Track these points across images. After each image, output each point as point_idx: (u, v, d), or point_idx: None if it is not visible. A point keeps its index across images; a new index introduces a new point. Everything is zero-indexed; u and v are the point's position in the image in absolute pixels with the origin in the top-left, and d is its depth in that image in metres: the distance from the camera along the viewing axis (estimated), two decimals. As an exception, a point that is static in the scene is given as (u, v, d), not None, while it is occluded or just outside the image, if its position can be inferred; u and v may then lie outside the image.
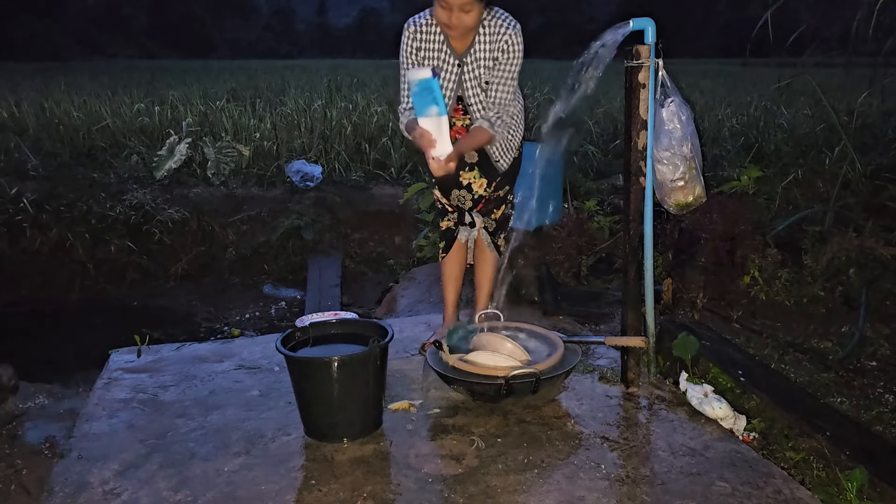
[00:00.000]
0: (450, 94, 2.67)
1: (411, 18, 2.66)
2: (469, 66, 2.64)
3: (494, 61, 2.61)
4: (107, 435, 2.41)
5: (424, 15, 2.64)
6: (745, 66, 15.14)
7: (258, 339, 3.38)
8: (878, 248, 3.63)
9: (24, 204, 5.62)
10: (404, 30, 2.66)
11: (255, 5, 48.31)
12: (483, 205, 2.87)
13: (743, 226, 3.77)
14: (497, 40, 2.58)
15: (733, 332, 3.39)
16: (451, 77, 2.66)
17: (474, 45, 2.61)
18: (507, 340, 2.71)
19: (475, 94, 2.67)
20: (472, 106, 2.70)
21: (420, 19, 2.64)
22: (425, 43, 2.63)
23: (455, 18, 2.45)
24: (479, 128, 2.64)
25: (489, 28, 2.58)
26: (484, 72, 2.64)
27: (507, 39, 2.57)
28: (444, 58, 2.64)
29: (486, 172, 2.81)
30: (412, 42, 2.63)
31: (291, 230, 5.96)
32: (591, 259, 4.33)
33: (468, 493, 2.04)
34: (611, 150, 7.53)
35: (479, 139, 2.65)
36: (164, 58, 28.01)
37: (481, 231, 2.93)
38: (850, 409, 2.69)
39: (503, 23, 2.58)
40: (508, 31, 2.57)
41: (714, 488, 2.07)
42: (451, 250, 2.97)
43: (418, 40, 2.63)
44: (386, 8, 53.32)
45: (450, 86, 2.67)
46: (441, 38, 2.62)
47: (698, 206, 2.68)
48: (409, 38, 2.64)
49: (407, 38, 2.64)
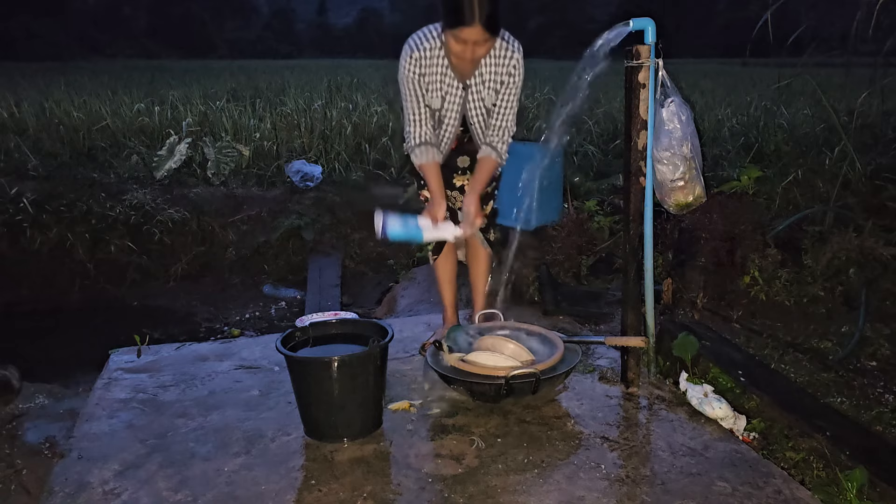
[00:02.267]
0: (454, 116, 2.69)
1: (413, 42, 2.58)
2: (473, 90, 2.65)
3: (501, 84, 2.62)
4: (107, 435, 2.41)
5: (426, 38, 2.57)
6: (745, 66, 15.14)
7: (258, 339, 3.38)
8: (878, 248, 3.63)
9: (24, 204, 5.62)
10: (406, 54, 2.58)
11: (255, 5, 48.29)
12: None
13: (743, 226, 3.76)
14: (506, 64, 2.59)
15: (733, 332, 3.39)
16: (455, 100, 2.66)
17: (479, 69, 2.61)
18: (509, 341, 2.71)
19: (478, 116, 2.70)
20: (473, 125, 2.73)
21: (423, 43, 2.56)
22: (429, 69, 2.59)
23: (470, 52, 2.44)
24: (487, 158, 2.68)
25: (496, 51, 2.58)
26: (488, 94, 2.65)
27: (514, 63, 2.59)
28: (449, 81, 2.63)
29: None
30: (416, 69, 2.58)
31: (291, 230, 5.96)
32: (591, 259, 4.33)
33: (468, 493, 2.04)
34: (611, 150, 7.52)
35: (490, 170, 2.69)
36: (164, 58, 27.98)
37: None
38: (850, 409, 2.69)
39: (510, 46, 2.59)
40: (515, 56, 2.59)
41: (714, 488, 2.07)
42: (443, 251, 2.97)
43: (422, 66, 2.58)
44: (386, 8, 53.37)
45: (454, 108, 2.67)
46: (444, 62, 2.59)
47: (698, 206, 2.67)
48: (412, 65, 2.57)
49: (410, 65, 2.57)
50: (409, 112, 2.66)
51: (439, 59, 2.58)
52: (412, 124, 2.66)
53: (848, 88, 6.41)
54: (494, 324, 2.89)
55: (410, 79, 2.59)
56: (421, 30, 2.61)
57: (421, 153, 2.67)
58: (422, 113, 2.64)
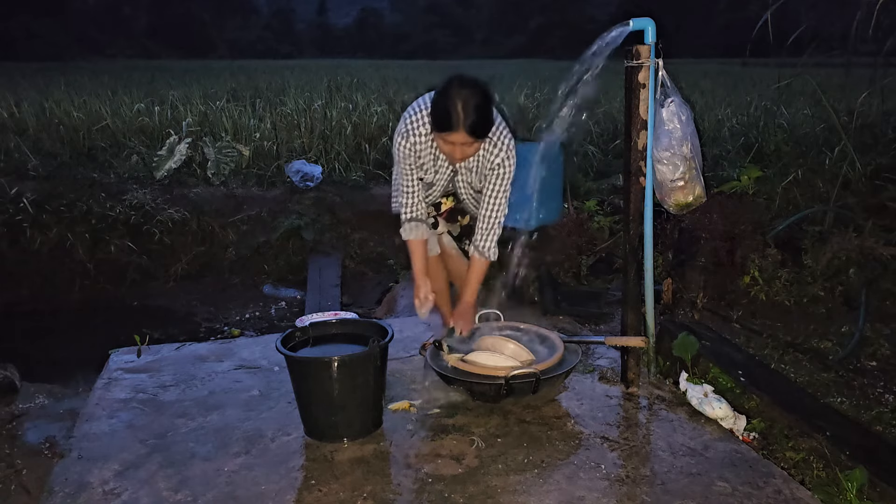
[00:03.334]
0: (443, 186, 2.78)
1: (408, 124, 2.60)
2: (462, 173, 2.72)
3: (486, 178, 2.65)
4: (107, 435, 2.41)
5: (420, 123, 2.58)
6: (745, 66, 15.13)
7: (258, 339, 3.39)
8: (878, 247, 3.63)
9: (24, 204, 5.61)
10: (402, 136, 2.60)
11: (255, 5, 48.28)
12: (448, 213, 2.89)
13: (743, 226, 3.77)
14: (491, 160, 2.60)
15: (733, 331, 3.39)
16: (445, 176, 2.73)
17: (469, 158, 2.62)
18: (508, 341, 2.71)
19: (467, 192, 2.79)
20: (464, 200, 2.82)
21: (418, 128, 2.58)
22: (422, 152, 2.64)
23: (459, 152, 2.47)
24: (479, 261, 2.71)
25: (485, 145, 2.59)
26: (475, 178, 2.72)
27: (499, 162, 2.59)
28: (440, 163, 2.69)
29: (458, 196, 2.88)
30: (410, 151, 2.62)
31: (291, 230, 5.96)
32: (591, 259, 4.33)
33: (468, 493, 2.04)
34: (611, 150, 7.52)
35: (482, 272, 2.74)
36: (164, 58, 27.98)
37: (444, 236, 2.92)
38: (850, 409, 2.69)
39: (498, 143, 2.57)
40: (501, 155, 2.59)
41: (714, 488, 2.07)
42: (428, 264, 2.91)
43: (416, 152, 2.63)
44: (386, 8, 53.34)
45: (443, 182, 2.76)
46: (435, 146, 2.61)
47: (698, 206, 2.67)
48: (409, 147, 2.61)
49: (407, 147, 2.61)
50: (403, 183, 2.70)
51: (431, 144, 2.62)
52: (405, 196, 2.71)
53: (848, 88, 6.41)
54: (494, 324, 2.89)
55: (405, 156, 2.64)
56: (415, 108, 2.61)
57: (411, 229, 2.71)
58: (415, 187, 2.69)
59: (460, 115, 2.34)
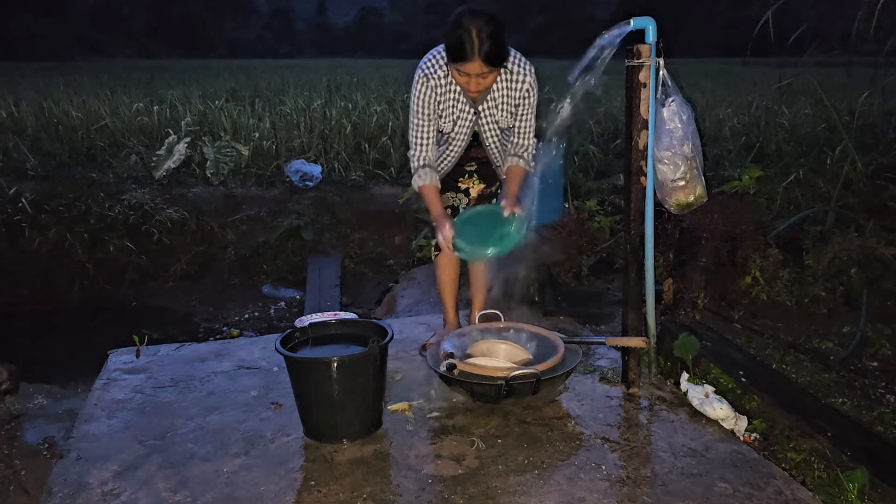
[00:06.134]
0: (463, 138, 2.74)
1: (426, 69, 2.60)
2: (485, 113, 2.69)
3: (517, 108, 2.66)
4: (106, 435, 2.41)
5: (438, 65, 2.59)
6: (745, 65, 15.10)
7: (257, 340, 3.38)
8: (880, 248, 3.63)
9: (22, 204, 5.61)
10: (421, 80, 2.59)
11: (255, 5, 48.25)
12: (476, 200, 2.90)
13: (744, 226, 3.76)
14: (519, 88, 2.62)
15: (734, 332, 3.38)
16: (466, 124, 2.70)
17: (492, 93, 2.63)
18: (500, 343, 2.70)
19: (492, 137, 2.75)
20: (488, 147, 2.78)
21: (437, 71, 2.58)
22: (443, 97, 2.63)
23: (474, 84, 2.47)
24: (516, 167, 2.72)
25: (510, 76, 2.60)
26: (502, 117, 2.69)
27: (527, 87, 2.62)
28: (461, 107, 2.67)
29: (484, 177, 2.89)
30: (432, 95, 2.60)
31: (291, 230, 5.95)
32: (592, 259, 4.32)
33: (468, 494, 2.03)
34: (611, 150, 7.52)
35: (520, 177, 2.73)
36: (163, 57, 27.96)
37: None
38: (851, 410, 2.68)
39: (521, 69, 2.61)
40: (528, 79, 2.61)
41: (715, 489, 2.06)
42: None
43: (436, 96, 2.61)
44: (386, 8, 53.31)
45: (464, 131, 2.72)
46: (457, 89, 2.62)
47: (699, 206, 2.67)
48: (428, 91, 2.60)
49: (426, 91, 2.60)
50: (416, 135, 2.68)
51: (452, 86, 2.61)
52: (417, 147, 2.69)
53: (849, 88, 6.41)
54: (494, 324, 2.88)
55: (426, 103, 2.62)
56: (431, 54, 2.62)
57: (424, 175, 2.70)
58: (430, 137, 2.68)
59: (475, 43, 2.35)
